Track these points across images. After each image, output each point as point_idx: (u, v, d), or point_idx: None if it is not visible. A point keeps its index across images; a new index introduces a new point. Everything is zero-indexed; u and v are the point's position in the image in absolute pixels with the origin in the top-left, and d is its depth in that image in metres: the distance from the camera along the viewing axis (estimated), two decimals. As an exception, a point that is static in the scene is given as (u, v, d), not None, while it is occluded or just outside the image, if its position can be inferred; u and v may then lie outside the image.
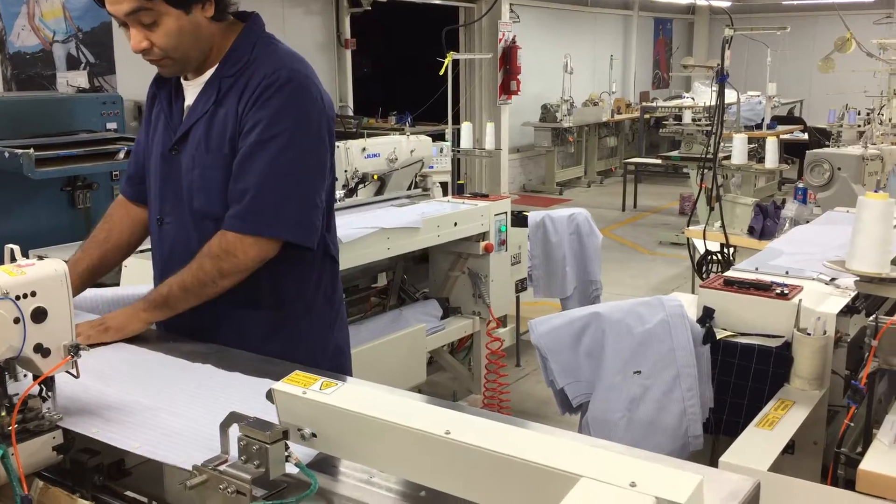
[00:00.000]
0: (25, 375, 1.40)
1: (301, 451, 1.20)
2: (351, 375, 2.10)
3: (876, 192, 2.16)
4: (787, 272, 2.68)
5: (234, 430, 1.20)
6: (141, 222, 2.12)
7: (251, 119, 1.84)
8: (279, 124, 1.83)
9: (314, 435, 1.21)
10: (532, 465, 1.00)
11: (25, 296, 1.31)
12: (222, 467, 1.17)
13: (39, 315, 1.32)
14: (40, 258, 1.39)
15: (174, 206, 1.96)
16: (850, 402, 1.90)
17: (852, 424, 1.93)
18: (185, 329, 1.91)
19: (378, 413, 1.13)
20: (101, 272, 2.10)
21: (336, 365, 2.03)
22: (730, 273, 2.73)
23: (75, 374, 1.41)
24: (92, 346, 1.72)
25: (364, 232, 3.33)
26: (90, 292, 2.13)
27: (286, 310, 1.96)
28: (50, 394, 1.41)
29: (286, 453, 1.15)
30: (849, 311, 2.40)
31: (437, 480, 1.12)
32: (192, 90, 1.95)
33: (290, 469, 1.18)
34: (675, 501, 0.91)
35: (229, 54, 1.92)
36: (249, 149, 1.83)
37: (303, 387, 1.22)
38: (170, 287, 1.85)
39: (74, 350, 1.38)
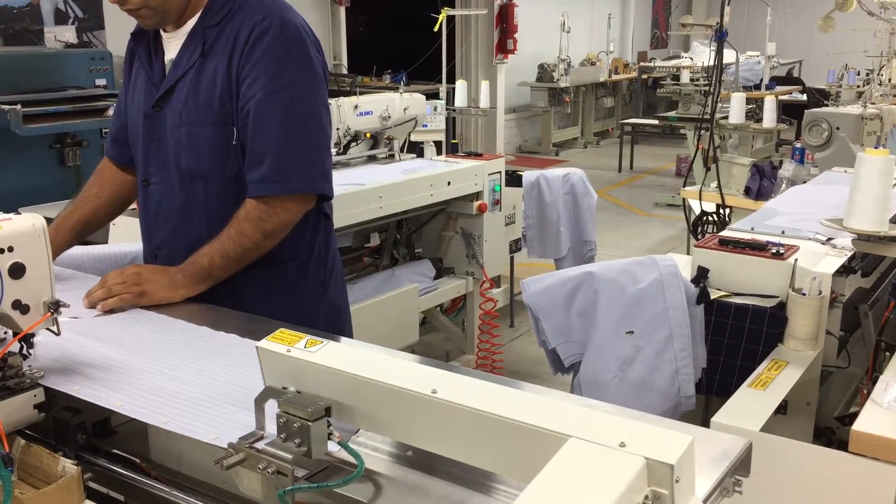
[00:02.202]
0: (6, 333, 1.38)
1: (343, 429, 1.13)
2: (350, 335, 2.06)
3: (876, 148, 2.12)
4: (783, 232, 2.65)
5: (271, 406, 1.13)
6: (130, 182, 2.07)
7: (252, 72, 1.75)
8: (284, 75, 1.75)
9: (299, 393, 1.19)
10: (520, 424, 0.98)
11: (2, 251, 1.28)
12: (260, 445, 1.10)
13: (17, 271, 1.29)
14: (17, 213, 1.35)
15: (160, 166, 1.88)
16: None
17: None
18: None
19: (362, 372, 1.11)
20: (91, 227, 2.06)
21: (332, 325, 1.99)
22: (725, 233, 2.71)
23: (56, 331, 1.39)
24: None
25: (345, 189, 3.28)
26: (75, 249, 2.09)
27: (280, 269, 1.91)
28: (30, 351, 1.39)
29: (328, 431, 1.08)
30: (845, 271, 2.38)
31: (423, 440, 1.10)
32: (173, 43, 1.86)
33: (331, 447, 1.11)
34: (666, 462, 0.88)
35: (211, 3, 1.83)
36: (258, 104, 1.75)
37: (287, 344, 1.19)
38: (210, 258, 1.77)
39: (54, 307, 1.35)
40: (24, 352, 1.37)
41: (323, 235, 1.98)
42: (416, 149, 4.65)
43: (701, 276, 2.42)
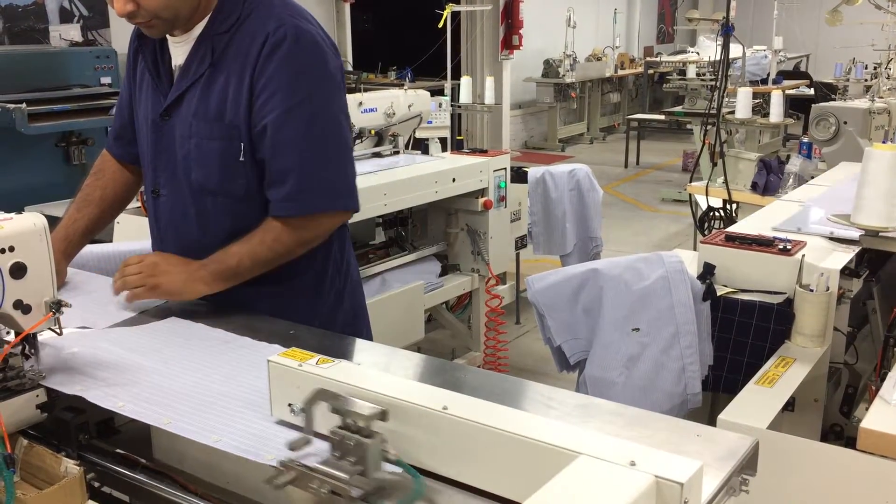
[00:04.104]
0: (8, 333, 1.38)
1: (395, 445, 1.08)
2: (370, 338, 2.00)
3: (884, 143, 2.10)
4: (831, 233, 2.50)
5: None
6: (132, 180, 2.03)
7: (268, 86, 1.67)
8: (301, 89, 1.68)
9: (304, 410, 1.19)
10: (531, 441, 0.98)
11: (3, 251, 1.28)
12: (312, 462, 1.06)
13: (18, 271, 1.29)
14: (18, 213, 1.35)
15: (169, 177, 1.81)
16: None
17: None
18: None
19: (372, 387, 1.11)
20: (97, 231, 2.02)
21: (352, 331, 1.90)
22: (730, 229, 2.68)
23: (58, 331, 1.38)
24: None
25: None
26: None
27: (296, 284, 1.85)
28: (32, 351, 1.39)
29: (384, 448, 1.06)
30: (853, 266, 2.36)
31: (432, 458, 1.09)
32: (180, 48, 1.78)
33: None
34: (676, 480, 0.88)
35: (220, 7, 1.74)
36: (277, 120, 1.67)
37: (299, 360, 1.20)
38: (239, 259, 1.71)
39: (56, 306, 1.34)
40: (27, 352, 1.37)
41: (338, 244, 1.92)
42: (420, 145, 4.64)
43: (707, 272, 2.40)
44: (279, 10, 1.73)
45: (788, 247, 2.37)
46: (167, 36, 1.79)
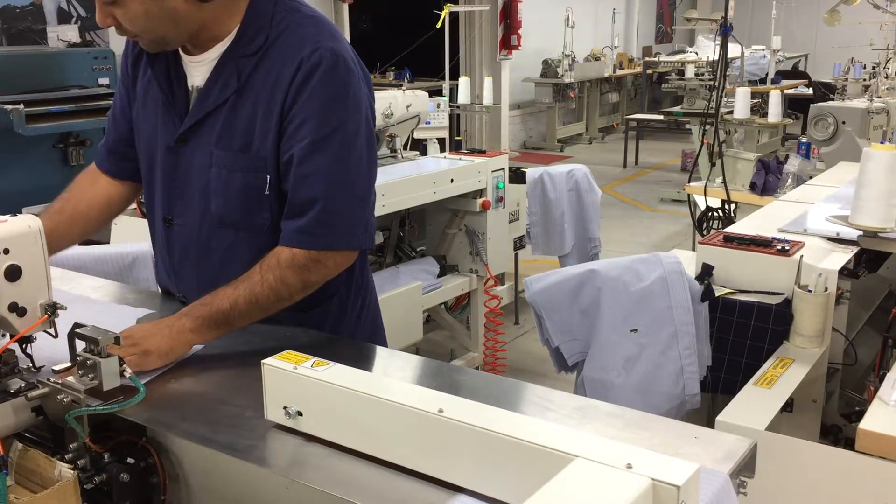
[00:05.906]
0: (3, 335, 1.37)
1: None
2: (385, 345, 1.92)
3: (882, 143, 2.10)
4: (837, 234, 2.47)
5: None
6: (108, 199, 1.84)
7: (299, 114, 1.56)
8: (333, 119, 1.57)
9: (300, 413, 1.19)
10: (527, 444, 0.98)
11: (-2, 253, 1.27)
12: (70, 379, 1.28)
13: (13, 273, 1.28)
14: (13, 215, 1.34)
15: (185, 206, 1.69)
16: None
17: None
18: None
19: (367, 389, 1.11)
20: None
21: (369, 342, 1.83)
22: (729, 229, 2.68)
23: (53, 333, 1.38)
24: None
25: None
26: (75, 250, 2.07)
27: (321, 312, 1.76)
28: (29, 353, 1.38)
29: (121, 368, 1.27)
30: (851, 267, 2.36)
31: (428, 463, 1.08)
32: (197, 69, 1.65)
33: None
34: (672, 483, 0.88)
35: (245, 28, 1.60)
36: (305, 150, 1.56)
37: (294, 363, 1.20)
38: (233, 302, 1.55)
39: (51, 309, 1.34)
40: (22, 354, 1.37)
41: (360, 262, 1.82)
42: (419, 146, 4.63)
43: (705, 272, 2.40)
44: (313, 30, 1.62)
45: (787, 247, 2.37)
46: (182, 53, 1.67)
